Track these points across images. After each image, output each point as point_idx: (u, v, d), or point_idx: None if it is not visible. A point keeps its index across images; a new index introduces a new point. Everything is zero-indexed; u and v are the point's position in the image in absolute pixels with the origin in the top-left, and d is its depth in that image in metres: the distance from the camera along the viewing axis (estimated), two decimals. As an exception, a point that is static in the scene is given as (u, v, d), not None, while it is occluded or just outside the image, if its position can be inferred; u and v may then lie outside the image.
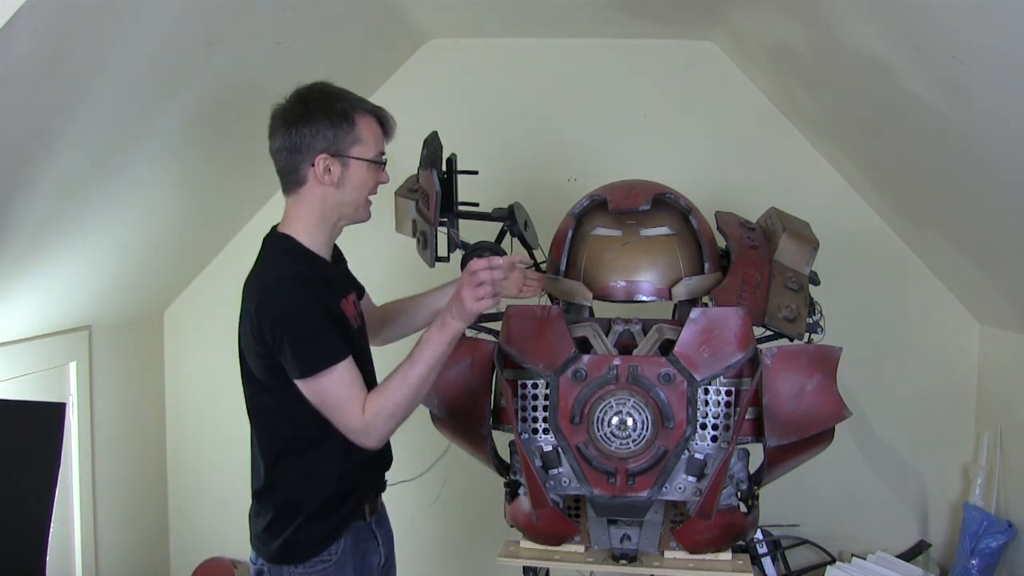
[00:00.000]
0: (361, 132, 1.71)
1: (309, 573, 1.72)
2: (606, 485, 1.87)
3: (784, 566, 2.84)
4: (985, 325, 2.89)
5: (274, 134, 1.72)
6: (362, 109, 1.73)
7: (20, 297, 2.32)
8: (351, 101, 1.72)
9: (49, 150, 1.94)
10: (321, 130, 1.67)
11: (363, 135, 1.72)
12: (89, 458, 2.76)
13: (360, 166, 1.72)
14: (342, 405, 1.65)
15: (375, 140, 1.74)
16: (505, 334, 1.95)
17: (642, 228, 1.98)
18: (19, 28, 1.54)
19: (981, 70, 1.68)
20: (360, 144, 1.71)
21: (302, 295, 1.64)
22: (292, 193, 1.73)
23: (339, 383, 1.64)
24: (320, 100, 1.70)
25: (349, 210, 1.76)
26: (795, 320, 1.94)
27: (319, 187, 1.70)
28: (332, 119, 1.68)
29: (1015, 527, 2.60)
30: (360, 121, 1.71)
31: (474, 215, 2.24)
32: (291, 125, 1.68)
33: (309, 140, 1.67)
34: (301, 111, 1.69)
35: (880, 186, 2.85)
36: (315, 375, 1.62)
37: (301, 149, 1.68)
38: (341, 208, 1.74)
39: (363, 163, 1.72)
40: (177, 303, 3.27)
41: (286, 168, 1.71)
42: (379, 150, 1.76)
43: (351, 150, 1.70)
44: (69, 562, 2.69)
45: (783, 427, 1.87)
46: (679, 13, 2.80)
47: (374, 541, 1.85)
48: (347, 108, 1.70)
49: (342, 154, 1.69)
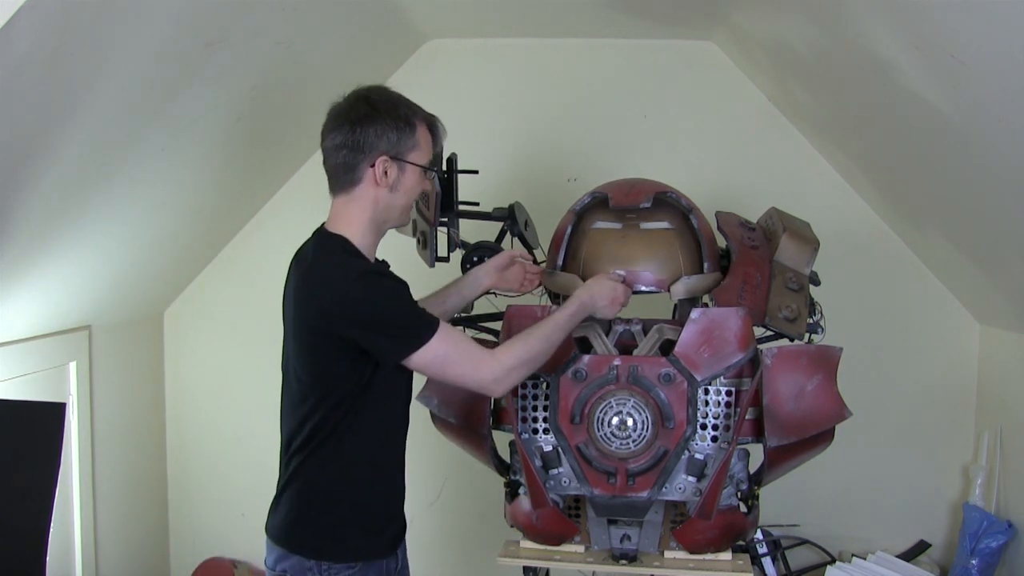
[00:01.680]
0: (419, 138, 1.73)
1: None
2: (606, 485, 1.87)
3: (784, 566, 2.84)
4: (985, 325, 2.89)
5: (333, 131, 1.70)
6: (420, 116, 1.75)
7: (20, 297, 2.31)
8: (412, 106, 1.74)
9: (49, 150, 1.94)
10: (386, 132, 1.68)
11: (420, 141, 1.74)
12: (89, 458, 2.76)
13: (415, 171, 1.73)
14: (469, 352, 1.70)
15: (428, 148, 1.77)
16: (505, 334, 1.95)
17: (642, 223, 1.98)
18: (19, 28, 1.54)
19: (981, 70, 1.68)
20: (417, 150, 1.73)
21: (388, 283, 1.68)
22: (344, 192, 1.73)
23: (453, 336, 1.69)
24: (386, 103, 1.71)
25: (396, 214, 1.76)
26: (795, 320, 1.94)
27: (373, 188, 1.70)
28: (397, 122, 1.70)
29: (1015, 527, 2.60)
30: (419, 127, 1.74)
31: (474, 215, 2.24)
32: (356, 124, 1.68)
33: (373, 140, 1.68)
34: (367, 111, 1.69)
35: (880, 186, 2.85)
36: (428, 340, 1.64)
37: (363, 148, 1.68)
38: (390, 211, 1.74)
39: (417, 169, 1.74)
40: (177, 303, 3.27)
41: (344, 166, 1.70)
42: (430, 157, 1.79)
43: (409, 155, 1.72)
44: (69, 562, 2.69)
45: (783, 427, 1.87)
46: (679, 13, 2.80)
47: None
48: (409, 113, 1.72)
49: (401, 158, 1.71)
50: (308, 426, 1.69)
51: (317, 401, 1.68)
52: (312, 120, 3.03)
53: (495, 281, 2.06)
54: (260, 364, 3.23)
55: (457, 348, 1.68)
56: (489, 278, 2.05)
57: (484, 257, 2.12)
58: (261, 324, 3.24)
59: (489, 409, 1.99)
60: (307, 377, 1.69)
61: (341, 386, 1.67)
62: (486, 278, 2.05)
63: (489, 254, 2.12)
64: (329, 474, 1.72)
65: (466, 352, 1.69)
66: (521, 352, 1.72)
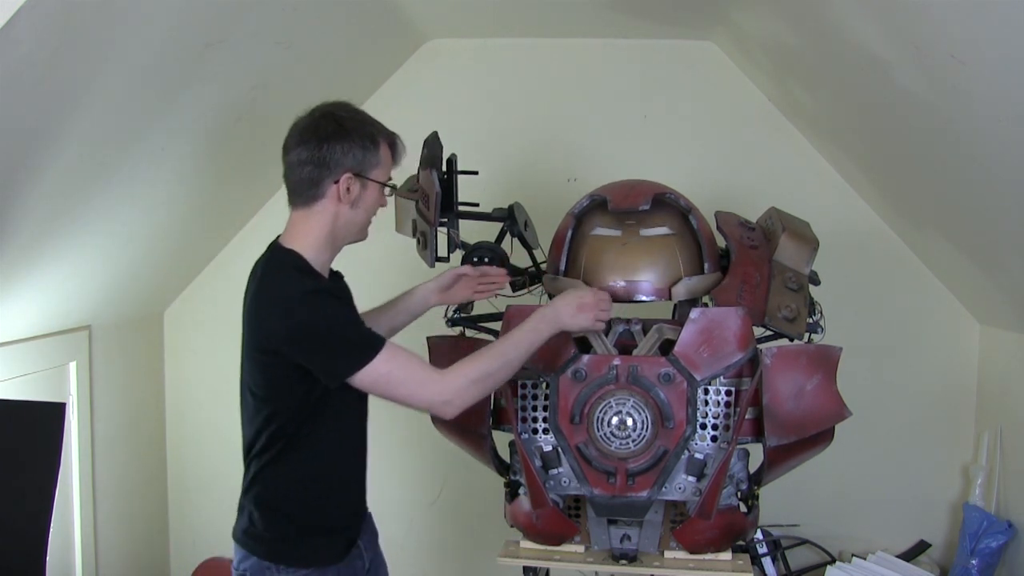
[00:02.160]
0: (382, 156, 1.76)
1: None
2: (606, 485, 1.87)
3: (784, 566, 2.84)
4: (985, 325, 2.89)
5: (299, 146, 1.71)
6: (384, 135, 1.78)
7: (20, 297, 2.31)
8: (376, 125, 1.77)
9: (49, 150, 1.94)
10: (352, 149, 1.70)
11: (382, 159, 1.76)
12: (89, 458, 2.76)
13: (375, 188, 1.76)
14: (415, 373, 1.66)
15: (388, 165, 1.79)
16: (505, 333, 1.95)
17: (642, 228, 1.98)
18: (19, 28, 1.54)
19: (981, 70, 1.68)
20: (379, 167, 1.76)
21: (332, 303, 1.68)
22: (304, 207, 1.73)
23: (397, 358, 1.65)
24: (353, 120, 1.74)
25: (355, 230, 1.78)
26: (795, 320, 1.94)
27: (335, 204, 1.72)
28: (363, 140, 1.72)
29: (1015, 527, 2.60)
30: (382, 146, 1.76)
31: (474, 215, 2.24)
32: (323, 140, 1.69)
33: (339, 157, 1.69)
34: (335, 129, 1.71)
35: (880, 186, 2.85)
36: (371, 360, 1.62)
37: (329, 165, 1.69)
38: (349, 227, 1.76)
39: (377, 186, 1.76)
40: (177, 303, 3.27)
41: (308, 181, 1.71)
42: (389, 174, 1.81)
43: (372, 172, 1.74)
44: (69, 562, 2.69)
45: (783, 427, 1.87)
46: (679, 13, 2.80)
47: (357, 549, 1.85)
48: (374, 132, 1.75)
49: (364, 175, 1.73)
50: (264, 435, 1.71)
51: (270, 414, 1.70)
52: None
53: (441, 299, 2.07)
54: (260, 364, 3.25)
55: (403, 369, 1.65)
56: (434, 296, 2.06)
57: (484, 257, 2.12)
58: (261, 324, 3.25)
59: (489, 409, 2.00)
60: (260, 392, 1.71)
61: (292, 402, 1.68)
62: (432, 297, 2.06)
63: (489, 254, 2.12)
64: (284, 482, 1.73)
65: (412, 373, 1.66)
66: (473, 372, 1.67)
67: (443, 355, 2.07)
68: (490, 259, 2.11)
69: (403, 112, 3.10)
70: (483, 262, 2.11)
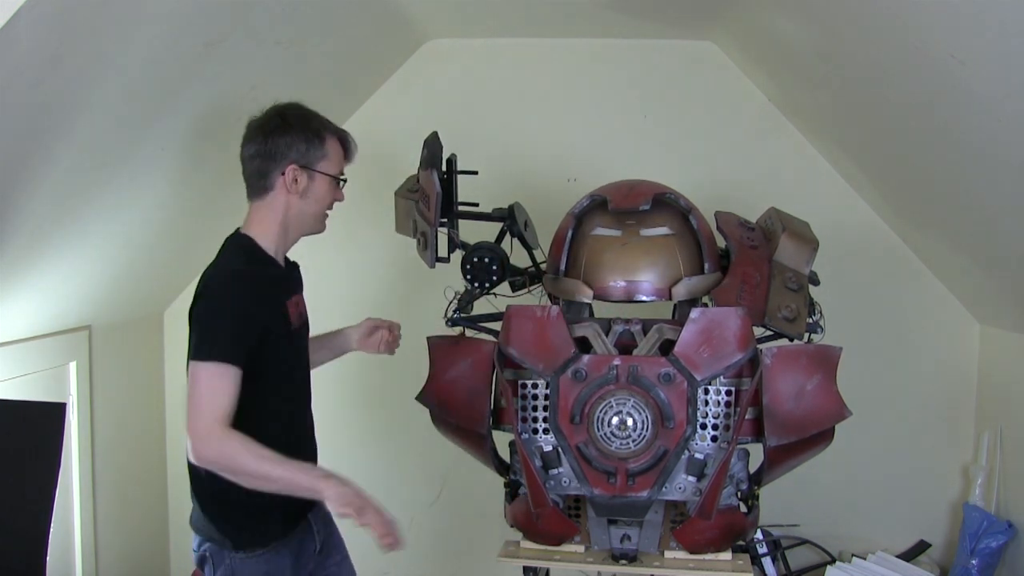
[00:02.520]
0: (328, 150, 1.89)
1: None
2: (606, 485, 1.87)
3: (784, 566, 2.85)
4: (985, 325, 2.89)
5: (248, 142, 1.87)
6: (331, 130, 1.91)
7: (20, 297, 2.31)
8: (322, 121, 1.90)
9: (49, 150, 1.94)
10: (295, 143, 1.84)
11: (329, 153, 1.89)
12: (89, 458, 2.76)
13: (324, 180, 1.88)
14: (201, 402, 1.67)
15: (338, 160, 1.92)
16: (505, 334, 1.95)
17: (642, 228, 1.98)
18: (19, 28, 1.54)
19: (981, 70, 1.68)
20: (326, 160, 1.88)
21: (243, 291, 1.77)
22: (258, 198, 1.88)
23: (211, 380, 1.67)
24: (296, 116, 1.87)
25: (308, 220, 1.91)
26: (795, 320, 1.94)
27: (284, 195, 1.86)
28: (306, 134, 1.85)
29: (1015, 527, 2.60)
30: (328, 140, 1.89)
31: (474, 215, 2.24)
32: (267, 135, 1.84)
33: (283, 150, 1.84)
34: (278, 123, 1.85)
35: (880, 186, 2.85)
36: (199, 360, 1.69)
37: (274, 157, 1.84)
38: (302, 217, 1.89)
39: (326, 178, 1.89)
40: (177, 303, 3.26)
41: (257, 173, 1.86)
42: (340, 169, 1.94)
43: (318, 164, 1.87)
44: (69, 562, 2.69)
45: (783, 427, 1.87)
46: (679, 13, 2.80)
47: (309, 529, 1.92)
48: (319, 127, 1.88)
49: (310, 167, 1.86)
50: None
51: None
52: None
53: (361, 346, 2.17)
54: (260, 364, 3.24)
55: (209, 392, 1.67)
56: (355, 343, 2.17)
57: (484, 257, 2.12)
58: (261, 324, 3.25)
59: (489, 409, 1.99)
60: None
61: None
62: (354, 342, 2.17)
63: (489, 254, 2.12)
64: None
65: (207, 401, 1.67)
66: (241, 457, 1.66)
67: (443, 355, 2.07)
68: (490, 259, 2.12)
69: (403, 112, 3.11)
70: (483, 262, 2.11)
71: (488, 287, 2.13)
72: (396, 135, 3.05)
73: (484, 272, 2.11)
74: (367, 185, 3.10)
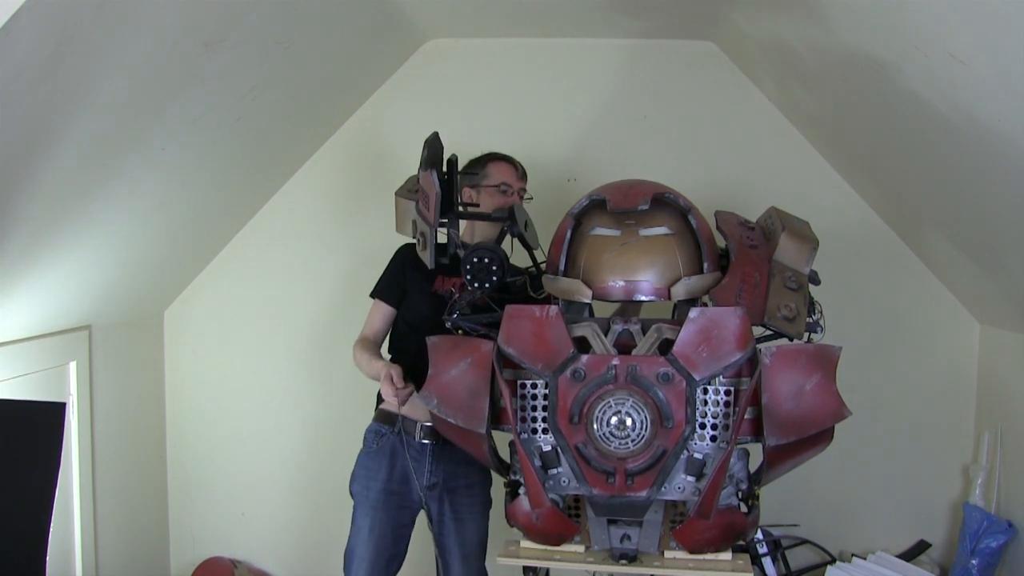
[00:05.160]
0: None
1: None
2: (605, 485, 1.87)
3: (784, 566, 2.84)
4: (985, 325, 2.89)
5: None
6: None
7: (20, 297, 2.32)
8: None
9: (49, 150, 1.94)
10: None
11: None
12: (89, 458, 2.76)
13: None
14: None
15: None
16: (504, 334, 1.95)
17: (641, 228, 1.97)
18: (19, 28, 1.54)
19: (981, 70, 1.68)
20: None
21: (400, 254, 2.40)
22: None
23: (372, 310, 2.41)
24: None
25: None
26: (794, 319, 1.94)
27: None
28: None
29: (1015, 527, 2.60)
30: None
31: (474, 215, 2.24)
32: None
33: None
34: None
35: (880, 186, 2.85)
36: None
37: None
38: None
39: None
40: (177, 303, 3.27)
41: None
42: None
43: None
44: (69, 562, 2.69)
45: (782, 427, 1.87)
46: (679, 13, 2.80)
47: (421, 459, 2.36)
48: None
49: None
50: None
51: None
52: (312, 120, 3.04)
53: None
54: (260, 364, 3.25)
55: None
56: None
57: (484, 257, 2.11)
58: (261, 324, 3.26)
59: (489, 409, 1.99)
60: None
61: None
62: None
63: (489, 255, 2.11)
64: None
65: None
66: (354, 350, 2.33)
67: (443, 355, 2.07)
68: (490, 259, 2.11)
69: (403, 112, 3.11)
70: (483, 262, 2.11)
71: (488, 287, 2.13)
72: (396, 135, 3.06)
73: (484, 272, 2.11)
74: (367, 185, 3.11)
